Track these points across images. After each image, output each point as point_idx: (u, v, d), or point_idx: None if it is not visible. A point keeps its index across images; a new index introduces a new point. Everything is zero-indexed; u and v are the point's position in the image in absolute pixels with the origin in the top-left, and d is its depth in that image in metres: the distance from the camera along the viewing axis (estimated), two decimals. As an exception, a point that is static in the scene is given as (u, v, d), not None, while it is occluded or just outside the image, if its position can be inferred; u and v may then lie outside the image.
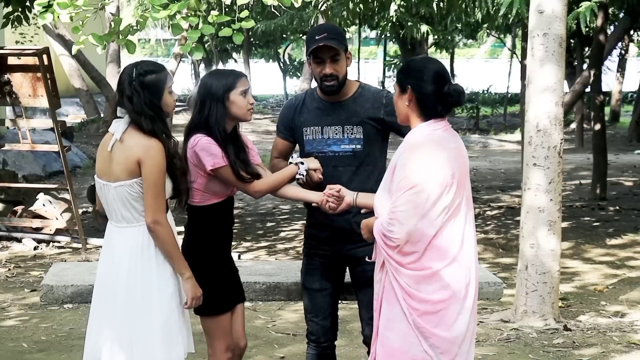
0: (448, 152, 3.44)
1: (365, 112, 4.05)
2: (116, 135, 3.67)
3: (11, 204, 10.06)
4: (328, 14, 10.56)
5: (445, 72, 3.51)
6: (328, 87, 4.03)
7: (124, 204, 3.68)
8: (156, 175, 3.60)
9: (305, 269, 4.25)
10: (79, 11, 5.99)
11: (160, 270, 3.70)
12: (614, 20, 16.28)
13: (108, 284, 3.75)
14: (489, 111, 28.37)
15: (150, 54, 44.24)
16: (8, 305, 7.00)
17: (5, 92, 9.08)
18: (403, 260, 3.42)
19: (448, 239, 3.43)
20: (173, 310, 3.71)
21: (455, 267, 3.44)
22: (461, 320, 3.46)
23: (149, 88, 3.66)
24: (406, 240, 3.38)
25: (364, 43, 35.50)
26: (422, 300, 3.42)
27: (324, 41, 3.94)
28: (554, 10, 6.17)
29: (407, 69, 3.56)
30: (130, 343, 3.67)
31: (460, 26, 19.51)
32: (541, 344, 5.92)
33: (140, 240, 3.69)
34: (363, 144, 4.05)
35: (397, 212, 3.36)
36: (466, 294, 3.47)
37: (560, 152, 6.28)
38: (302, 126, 4.13)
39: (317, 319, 4.22)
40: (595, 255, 9.23)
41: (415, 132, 3.48)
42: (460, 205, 3.45)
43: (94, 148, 18.30)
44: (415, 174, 3.36)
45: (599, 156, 12.80)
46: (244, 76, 3.96)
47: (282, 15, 16.99)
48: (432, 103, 3.47)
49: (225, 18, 6.20)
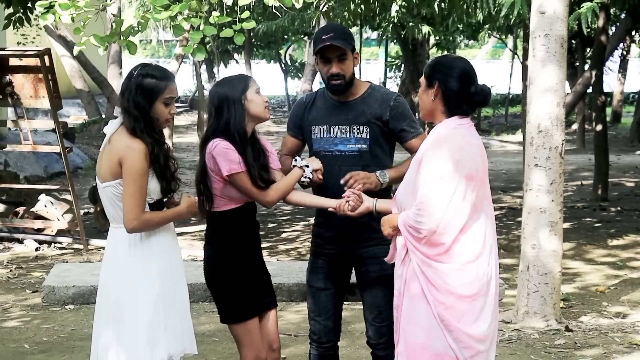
0: (473, 148, 3.49)
1: (372, 112, 4.06)
2: (107, 137, 3.71)
3: (13, 205, 10.07)
4: (329, 14, 10.56)
5: (473, 71, 3.55)
6: (334, 87, 4.04)
7: (111, 204, 3.71)
8: (133, 176, 3.59)
9: (311, 267, 4.26)
10: (81, 12, 6.00)
11: (147, 270, 3.69)
12: (616, 21, 16.28)
13: (101, 283, 3.79)
14: (490, 112, 28.36)
15: (151, 55, 44.25)
16: (10, 306, 7.01)
17: (6, 93, 9.09)
18: (430, 252, 3.45)
19: (474, 233, 3.47)
20: (159, 311, 3.69)
21: (480, 263, 3.48)
22: (484, 317, 3.49)
23: (142, 90, 3.66)
24: (434, 231, 3.40)
25: (365, 44, 35.47)
26: (449, 293, 3.44)
27: (330, 41, 3.96)
28: (555, 11, 6.17)
29: (436, 65, 3.59)
30: (117, 342, 3.68)
31: (462, 27, 19.49)
32: (543, 344, 5.92)
33: (127, 241, 3.70)
34: (369, 144, 4.06)
35: (425, 203, 3.39)
36: (488, 291, 3.51)
37: (562, 153, 6.27)
38: (310, 124, 4.15)
39: (320, 318, 4.22)
40: (596, 256, 9.23)
41: (442, 126, 3.53)
42: (483, 201, 3.50)
43: (96, 149, 18.30)
44: (443, 166, 3.40)
45: (600, 157, 12.79)
46: (252, 77, 3.98)
47: (283, 16, 17.01)
48: (458, 101, 3.52)
49: (227, 19, 6.20)
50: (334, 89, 4.05)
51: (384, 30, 16.09)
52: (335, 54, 3.99)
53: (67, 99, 19.23)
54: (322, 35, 3.99)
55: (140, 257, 3.70)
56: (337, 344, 4.32)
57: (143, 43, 38.83)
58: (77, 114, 22.69)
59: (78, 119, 21.53)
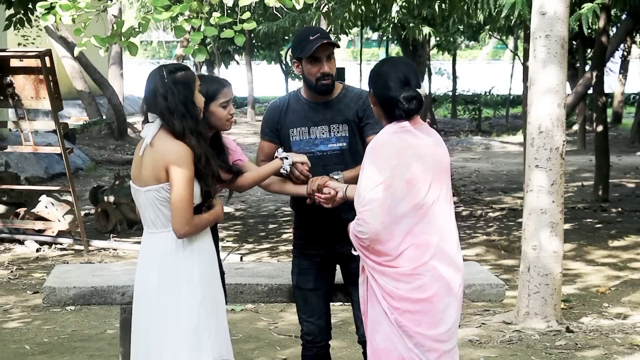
0: (415, 150, 3.46)
1: (349, 110, 4.09)
2: (147, 140, 3.66)
3: (13, 206, 10.07)
4: (330, 15, 10.56)
5: (403, 76, 3.53)
6: (324, 87, 4.05)
7: (153, 209, 3.67)
8: (183, 180, 3.58)
9: (298, 269, 4.28)
10: (81, 13, 5.99)
11: (189, 276, 3.67)
12: (616, 22, 16.29)
13: (142, 291, 3.75)
14: (491, 113, 28.36)
15: (152, 56, 44.29)
16: (11, 307, 7.01)
17: (7, 94, 9.09)
18: (379, 259, 3.46)
19: (425, 236, 3.45)
20: (202, 317, 3.67)
21: (435, 264, 3.46)
22: (448, 317, 3.48)
23: (182, 84, 3.66)
24: (376, 240, 3.42)
25: (366, 45, 35.52)
26: (402, 299, 3.44)
27: (322, 40, 3.97)
28: (556, 11, 6.17)
29: (370, 72, 3.64)
30: (160, 349, 3.67)
31: (462, 28, 19.52)
32: (543, 345, 5.92)
33: (169, 246, 3.67)
34: (349, 142, 4.09)
35: (363, 212, 3.41)
36: (450, 290, 3.49)
37: (563, 154, 6.27)
38: (288, 127, 4.15)
39: (313, 319, 4.23)
40: (597, 256, 9.23)
41: (381, 132, 3.55)
42: (436, 202, 3.47)
43: (96, 150, 18.34)
44: (378, 174, 3.40)
45: (601, 158, 12.79)
46: (227, 87, 3.96)
47: (283, 17, 17.02)
48: (389, 107, 3.52)
49: (228, 20, 6.19)
50: (325, 88, 4.05)
51: (385, 31, 16.12)
52: (326, 53, 4.01)
53: (68, 100, 19.26)
54: (310, 36, 4.00)
55: (182, 264, 3.68)
56: (330, 343, 4.32)
57: (144, 44, 38.86)
58: (78, 115, 22.72)
59: (79, 120, 21.57)
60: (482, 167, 17.52)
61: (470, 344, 5.94)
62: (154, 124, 3.69)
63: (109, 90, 19.21)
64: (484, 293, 4.74)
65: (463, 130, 24.80)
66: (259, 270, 4.87)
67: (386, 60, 3.70)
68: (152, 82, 3.69)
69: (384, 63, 3.66)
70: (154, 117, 3.71)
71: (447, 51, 27.24)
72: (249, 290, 4.52)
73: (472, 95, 29.05)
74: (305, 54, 4.01)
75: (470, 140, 22.35)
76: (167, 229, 3.67)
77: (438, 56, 34.11)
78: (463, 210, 12.00)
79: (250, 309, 6.87)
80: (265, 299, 4.58)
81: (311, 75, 4.04)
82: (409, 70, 3.56)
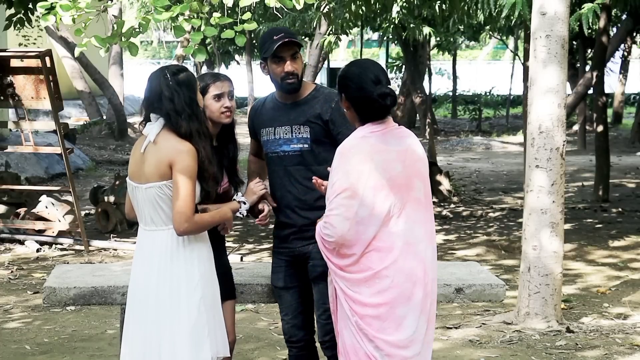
0: (384, 155, 3.47)
1: (312, 112, 4.08)
2: (150, 137, 3.67)
3: (14, 206, 10.07)
4: (330, 15, 10.56)
5: (373, 76, 3.54)
6: (290, 85, 4.06)
7: (153, 206, 3.67)
8: (186, 178, 3.59)
9: (272, 268, 4.32)
10: (82, 13, 5.99)
11: (189, 274, 3.69)
12: (617, 22, 16.29)
13: (140, 288, 3.75)
14: (491, 113, 28.35)
15: (152, 56, 44.29)
16: (11, 307, 7.01)
17: (8, 94, 9.10)
18: (341, 263, 3.49)
19: (388, 241, 3.45)
20: (202, 314, 3.69)
21: (397, 269, 3.46)
22: (408, 324, 3.47)
23: (185, 86, 3.69)
24: (341, 244, 3.45)
25: (366, 45, 35.49)
26: (363, 304, 3.46)
27: (284, 39, 3.99)
28: (556, 11, 6.17)
29: (339, 76, 3.64)
30: (159, 346, 3.68)
31: (463, 28, 19.49)
32: (544, 346, 5.92)
33: (169, 244, 3.68)
34: (310, 144, 4.08)
35: (330, 216, 3.44)
36: (412, 297, 3.48)
37: (563, 154, 6.27)
38: (259, 128, 4.22)
39: (288, 317, 4.24)
40: (597, 257, 9.23)
41: (350, 136, 3.56)
42: (405, 206, 3.47)
43: (97, 150, 18.34)
44: (345, 178, 3.42)
45: (601, 158, 12.79)
46: (219, 80, 4.00)
47: (284, 17, 16.99)
48: (365, 107, 3.52)
49: (228, 20, 6.19)
50: (290, 87, 4.06)
51: (385, 31, 16.10)
52: (289, 53, 4.02)
53: (68, 100, 19.25)
54: (274, 36, 4.02)
55: (182, 261, 3.69)
56: (314, 343, 4.27)
57: (144, 44, 38.85)
58: (78, 115, 22.73)
59: (79, 120, 21.57)
60: (483, 167, 17.52)
61: (470, 344, 5.94)
62: (157, 122, 3.69)
63: (109, 90, 19.21)
64: (484, 293, 4.74)
65: (463, 130, 24.80)
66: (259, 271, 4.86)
67: (352, 64, 3.70)
68: (155, 84, 3.69)
69: (350, 66, 3.66)
70: (155, 117, 3.72)
71: (448, 51, 27.22)
72: (249, 290, 4.52)
73: (473, 95, 29.02)
74: (268, 54, 4.04)
75: (470, 141, 22.36)
76: (166, 226, 3.67)
77: (438, 56, 34.07)
78: (463, 210, 12.01)
79: (250, 309, 6.87)
80: (265, 299, 4.58)
81: (276, 75, 4.07)
82: (377, 70, 3.59)
